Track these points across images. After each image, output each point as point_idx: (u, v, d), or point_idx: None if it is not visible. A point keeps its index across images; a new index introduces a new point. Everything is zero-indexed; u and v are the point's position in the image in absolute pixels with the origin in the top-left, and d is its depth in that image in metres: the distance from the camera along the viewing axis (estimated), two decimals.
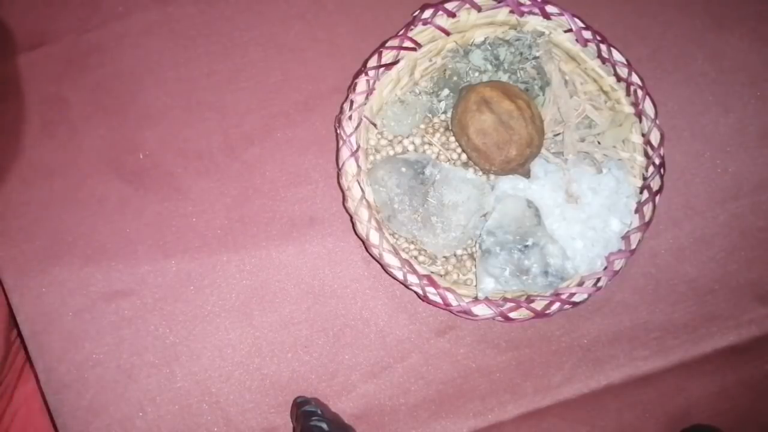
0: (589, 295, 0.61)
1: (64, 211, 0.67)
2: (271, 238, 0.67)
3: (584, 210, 0.63)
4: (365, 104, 0.63)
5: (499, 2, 0.64)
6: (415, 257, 0.64)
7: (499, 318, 0.60)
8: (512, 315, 0.60)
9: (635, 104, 0.64)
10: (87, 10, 0.71)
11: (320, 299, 0.66)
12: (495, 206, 0.63)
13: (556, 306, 0.60)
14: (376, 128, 0.65)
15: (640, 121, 0.64)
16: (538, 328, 0.67)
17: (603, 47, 0.64)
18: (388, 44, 0.63)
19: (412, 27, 0.63)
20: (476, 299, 0.61)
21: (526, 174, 0.63)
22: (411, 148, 0.65)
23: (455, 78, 0.65)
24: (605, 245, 0.62)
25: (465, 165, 0.66)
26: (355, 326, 0.66)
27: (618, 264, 0.62)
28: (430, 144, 0.66)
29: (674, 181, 0.69)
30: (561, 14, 0.64)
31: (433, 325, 0.67)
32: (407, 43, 0.63)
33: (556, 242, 0.62)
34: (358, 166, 0.61)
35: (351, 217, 0.62)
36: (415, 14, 0.64)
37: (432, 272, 0.62)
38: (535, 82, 0.65)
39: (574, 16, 0.64)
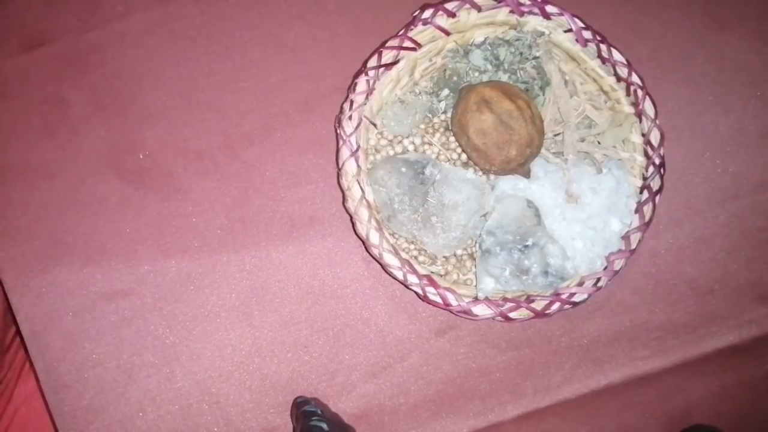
0: (589, 295, 0.61)
1: (64, 211, 0.67)
2: (271, 238, 0.67)
3: (584, 210, 0.63)
4: (365, 104, 0.63)
5: (499, 2, 0.64)
6: (415, 257, 0.64)
7: (499, 318, 0.60)
8: (512, 315, 0.60)
9: (635, 104, 0.64)
10: (87, 10, 0.71)
11: (320, 299, 0.66)
12: (495, 206, 0.63)
13: (556, 306, 0.60)
14: (376, 128, 0.65)
15: (640, 121, 0.64)
16: (538, 328, 0.67)
17: (603, 47, 0.64)
18: (388, 44, 0.63)
19: (412, 27, 0.63)
20: (476, 299, 0.61)
21: (526, 174, 0.63)
22: (411, 148, 0.65)
23: (455, 78, 0.65)
24: (605, 245, 0.62)
25: (465, 165, 0.66)
26: (355, 326, 0.66)
27: (618, 264, 0.62)
28: (430, 144, 0.66)
29: (674, 181, 0.69)
30: (561, 14, 0.64)
31: (433, 325, 0.67)
32: (407, 43, 0.63)
33: (556, 242, 0.62)
34: (358, 166, 0.61)
35: (351, 217, 0.62)
36: (415, 14, 0.64)
37: (432, 272, 0.62)
38: (535, 82, 0.65)
39: (574, 16, 0.64)
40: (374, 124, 0.64)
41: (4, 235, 0.67)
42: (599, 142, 0.65)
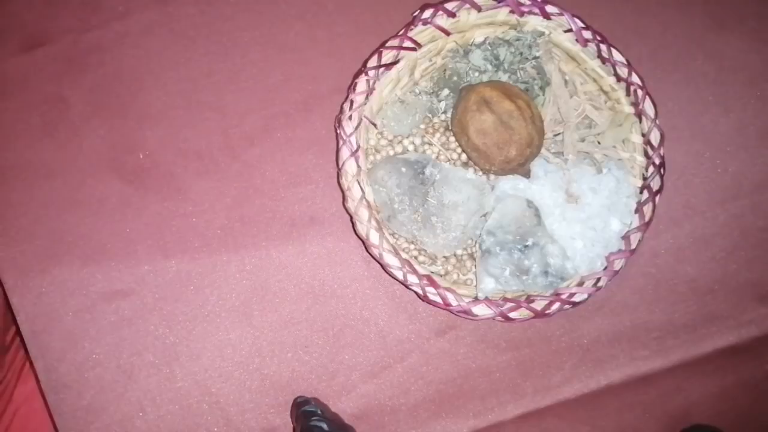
0: (589, 295, 0.61)
1: (64, 211, 0.67)
2: (271, 238, 0.67)
3: (584, 210, 0.63)
4: (365, 104, 0.63)
5: (499, 2, 0.64)
6: (415, 257, 0.64)
7: (499, 318, 0.60)
8: (512, 315, 0.60)
9: (635, 104, 0.64)
10: (87, 10, 0.71)
11: (320, 299, 0.66)
12: (495, 206, 0.63)
13: (556, 306, 0.60)
14: (376, 128, 0.65)
15: (640, 121, 0.64)
16: (538, 328, 0.67)
17: (603, 47, 0.64)
18: (388, 44, 0.63)
19: (412, 27, 0.63)
20: (476, 299, 0.61)
21: (526, 174, 0.63)
22: (411, 148, 0.65)
23: (455, 78, 0.65)
24: (605, 245, 0.62)
25: (465, 165, 0.66)
26: (355, 326, 0.66)
27: (618, 264, 0.62)
28: (430, 144, 0.66)
29: (674, 181, 0.69)
30: (561, 14, 0.64)
31: (433, 325, 0.67)
32: (407, 43, 0.63)
33: (556, 242, 0.62)
34: (358, 166, 0.61)
35: (351, 217, 0.62)
36: (415, 14, 0.64)
37: (432, 272, 0.62)
38: (535, 82, 0.65)
39: (574, 16, 0.64)
40: (374, 124, 0.64)
41: (4, 235, 0.67)
42: (599, 142, 0.65)
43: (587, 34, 0.64)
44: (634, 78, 0.63)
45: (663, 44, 0.72)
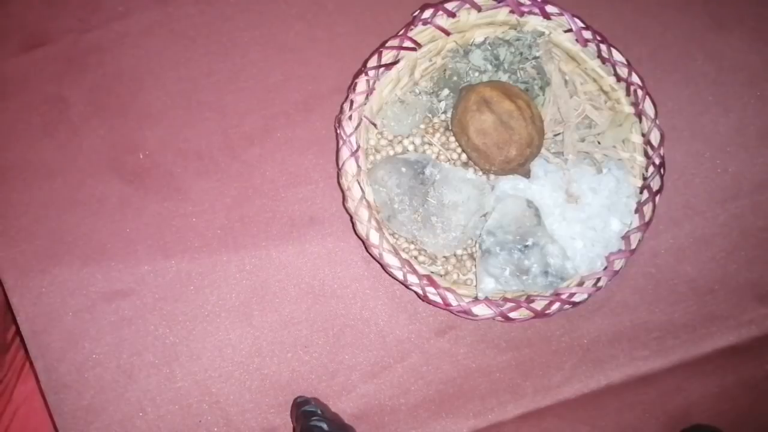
0: (589, 295, 0.61)
1: (64, 211, 0.67)
2: (271, 238, 0.67)
3: (584, 210, 0.63)
4: (365, 104, 0.63)
5: (499, 2, 0.64)
6: (415, 257, 0.64)
7: (499, 318, 0.60)
8: (512, 315, 0.60)
9: (635, 104, 0.64)
10: (87, 10, 0.71)
11: (320, 299, 0.66)
12: (495, 206, 0.63)
13: (556, 306, 0.60)
14: (376, 128, 0.65)
15: (640, 121, 0.64)
16: (538, 328, 0.67)
17: (603, 47, 0.64)
18: (388, 44, 0.63)
19: (412, 27, 0.63)
20: (476, 299, 0.61)
21: (526, 174, 0.63)
22: (411, 148, 0.65)
23: (455, 78, 0.65)
24: (605, 245, 0.62)
25: (465, 165, 0.66)
26: (355, 326, 0.66)
27: (618, 264, 0.62)
28: (430, 144, 0.66)
29: (674, 181, 0.69)
30: (561, 14, 0.64)
31: (433, 325, 0.67)
32: (407, 43, 0.63)
33: (556, 242, 0.62)
34: (358, 166, 0.61)
35: (351, 217, 0.62)
36: (415, 14, 0.64)
37: (432, 272, 0.62)
38: (535, 82, 0.65)
39: (574, 16, 0.64)
40: (374, 124, 0.64)
41: (4, 235, 0.67)
42: (599, 142, 0.65)
43: (587, 34, 0.64)
44: (634, 78, 0.63)
45: (663, 44, 0.72)
